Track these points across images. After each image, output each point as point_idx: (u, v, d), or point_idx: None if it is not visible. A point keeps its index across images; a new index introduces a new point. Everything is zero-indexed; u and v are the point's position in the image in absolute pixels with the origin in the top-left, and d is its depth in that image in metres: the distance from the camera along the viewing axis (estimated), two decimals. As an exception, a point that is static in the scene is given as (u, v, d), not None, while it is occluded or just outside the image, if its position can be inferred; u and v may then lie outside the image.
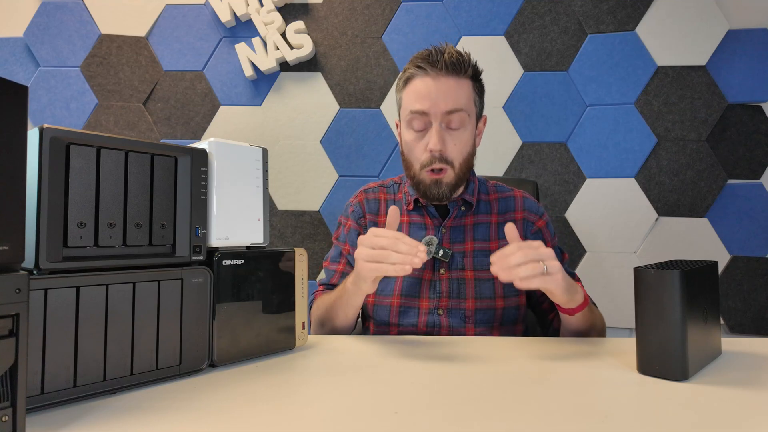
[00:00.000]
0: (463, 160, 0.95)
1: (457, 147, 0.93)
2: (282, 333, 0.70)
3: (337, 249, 1.07)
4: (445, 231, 0.99)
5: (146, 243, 0.57)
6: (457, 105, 0.90)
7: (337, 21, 1.74)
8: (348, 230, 1.05)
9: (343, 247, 1.06)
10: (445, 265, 0.96)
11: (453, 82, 0.91)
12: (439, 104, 0.90)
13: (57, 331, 0.48)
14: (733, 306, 1.59)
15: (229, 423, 0.46)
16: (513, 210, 1.02)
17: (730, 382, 0.57)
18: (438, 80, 0.90)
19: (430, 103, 0.90)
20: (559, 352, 0.71)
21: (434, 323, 0.94)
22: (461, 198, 1.00)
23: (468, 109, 0.92)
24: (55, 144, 0.49)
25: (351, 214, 1.06)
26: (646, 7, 1.66)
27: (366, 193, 1.08)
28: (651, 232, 1.63)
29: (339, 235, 1.08)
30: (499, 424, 0.45)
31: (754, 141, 1.60)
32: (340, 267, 1.05)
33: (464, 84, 0.92)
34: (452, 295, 0.94)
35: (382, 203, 1.05)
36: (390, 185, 1.09)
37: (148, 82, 1.75)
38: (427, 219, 1.01)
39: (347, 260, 1.05)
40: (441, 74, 0.90)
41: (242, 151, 0.68)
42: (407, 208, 1.02)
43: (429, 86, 0.90)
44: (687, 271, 0.58)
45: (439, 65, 0.90)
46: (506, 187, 1.07)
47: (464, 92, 0.92)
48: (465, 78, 0.92)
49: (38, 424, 0.45)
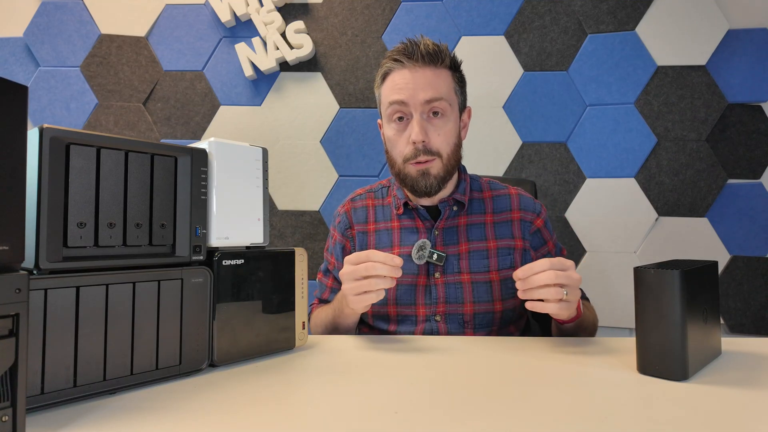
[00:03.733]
0: (450, 150, 0.93)
1: (441, 137, 0.91)
2: (282, 333, 0.70)
3: (326, 263, 1.08)
4: (437, 233, 0.96)
5: (146, 243, 0.57)
6: (436, 94, 0.89)
7: (337, 21, 1.74)
8: (334, 243, 1.05)
9: (330, 261, 1.06)
10: (440, 269, 0.93)
11: (430, 72, 0.90)
12: (418, 94, 0.89)
13: (57, 331, 0.48)
14: (733, 306, 1.59)
15: (229, 423, 0.46)
16: (509, 209, 0.99)
17: (730, 382, 0.57)
18: (415, 71, 0.90)
19: (409, 93, 0.89)
20: (559, 352, 0.71)
21: (432, 330, 0.92)
22: (452, 198, 0.97)
23: (449, 99, 0.91)
24: (55, 144, 0.49)
25: (338, 225, 1.05)
26: (646, 7, 1.66)
27: (353, 202, 1.06)
28: (651, 232, 1.63)
29: (328, 246, 1.08)
30: (499, 423, 0.45)
31: (754, 141, 1.60)
32: (329, 282, 1.05)
33: (443, 74, 0.92)
34: (449, 300, 0.92)
35: (369, 210, 1.03)
36: (378, 189, 1.06)
37: (148, 82, 1.75)
38: (418, 222, 0.98)
39: (333, 276, 1.05)
40: (418, 65, 0.90)
41: (242, 151, 0.67)
42: (397, 212, 0.99)
43: (406, 78, 0.90)
44: (687, 271, 0.58)
45: (415, 56, 0.90)
46: (500, 184, 1.04)
47: (443, 82, 0.91)
48: (443, 68, 0.92)
49: (38, 424, 0.45)
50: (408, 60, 0.90)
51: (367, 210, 1.03)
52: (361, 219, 1.03)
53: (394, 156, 0.95)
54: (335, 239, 1.05)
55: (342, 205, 1.07)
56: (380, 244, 0.99)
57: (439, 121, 0.91)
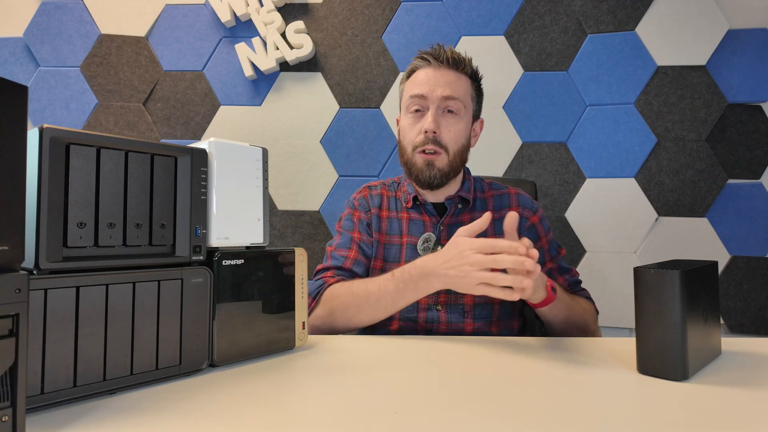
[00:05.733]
0: (457, 148, 0.98)
1: (451, 133, 0.97)
2: (282, 333, 0.70)
3: (346, 236, 1.04)
4: (442, 228, 1.01)
5: (146, 243, 0.57)
6: (454, 93, 0.96)
7: (337, 21, 1.74)
8: (357, 220, 1.05)
9: (353, 234, 1.03)
10: None
11: (453, 74, 0.98)
12: (437, 90, 0.96)
13: (57, 331, 0.48)
14: (733, 306, 1.59)
15: (229, 423, 0.46)
16: (508, 207, 1.04)
17: (730, 382, 0.57)
18: (439, 70, 0.98)
19: (429, 88, 0.96)
20: (559, 352, 0.71)
21: (433, 319, 0.95)
22: (458, 195, 1.02)
23: (464, 101, 0.98)
24: (55, 144, 0.49)
25: (358, 207, 1.07)
26: (646, 7, 1.66)
27: (369, 189, 1.10)
28: (651, 232, 1.63)
29: (345, 225, 1.06)
30: (499, 423, 0.45)
31: (754, 141, 1.60)
32: (352, 254, 1.01)
33: (463, 79, 0.99)
34: (450, 290, 0.93)
35: (384, 199, 1.07)
36: (390, 184, 1.11)
37: (148, 82, 1.75)
38: (425, 216, 1.03)
39: (360, 248, 1.02)
40: (442, 66, 0.98)
41: (242, 151, 0.67)
42: (406, 206, 1.04)
43: (429, 75, 0.98)
44: (687, 271, 0.58)
45: (441, 58, 0.98)
46: (501, 185, 1.10)
47: (462, 85, 0.99)
48: (464, 74, 1.00)
49: (38, 424, 0.45)
50: (434, 60, 0.98)
51: (381, 198, 1.08)
52: (377, 204, 1.07)
53: (405, 144, 1.01)
54: (358, 217, 1.05)
55: (357, 191, 1.11)
56: (391, 231, 1.03)
57: (452, 119, 0.98)
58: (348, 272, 0.99)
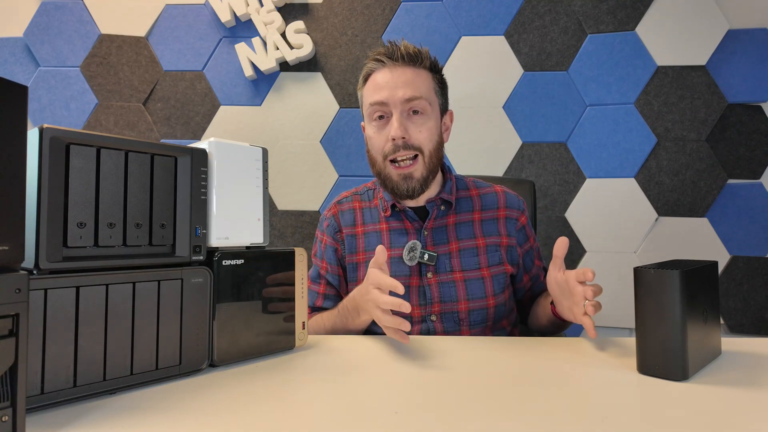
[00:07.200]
0: (432, 147, 0.93)
1: (422, 133, 0.92)
2: (282, 333, 0.70)
3: (315, 269, 1.04)
4: (427, 233, 0.96)
5: (146, 243, 0.57)
6: (415, 93, 0.91)
7: (337, 21, 1.74)
8: (324, 247, 1.02)
9: (321, 266, 1.02)
10: (432, 269, 0.93)
11: (410, 71, 0.92)
12: (398, 92, 0.91)
13: (57, 331, 0.48)
14: (733, 306, 1.59)
15: (229, 423, 0.46)
16: (496, 207, 1.00)
17: (730, 382, 0.57)
18: (395, 70, 0.92)
19: (389, 92, 0.91)
20: (559, 352, 0.71)
21: (428, 330, 0.92)
22: (439, 198, 0.97)
23: (428, 98, 0.93)
24: (55, 144, 0.49)
25: (326, 229, 1.03)
26: (646, 7, 1.66)
27: (340, 205, 1.05)
28: (651, 232, 1.63)
29: (316, 251, 1.05)
30: (499, 423, 0.45)
31: (754, 141, 1.60)
32: (321, 289, 1.02)
33: (422, 74, 0.94)
34: (444, 299, 0.92)
35: (357, 213, 1.02)
36: (363, 192, 1.06)
37: (148, 82, 1.75)
38: (406, 223, 0.97)
39: (327, 280, 1.01)
40: (398, 65, 0.92)
41: (242, 151, 0.67)
42: (385, 215, 0.99)
43: (387, 77, 0.92)
44: (687, 271, 0.58)
45: (395, 56, 0.92)
46: (485, 183, 1.05)
47: (423, 81, 0.93)
48: (423, 69, 0.94)
49: (38, 424, 0.45)
50: (389, 60, 0.92)
51: (354, 213, 1.02)
52: (349, 222, 1.02)
53: (374, 155, 0.96)
54: (325, 243, 1.03)
55: (328, 208, 1.06)
56: (370, 246, 0.98)
57: (420, 119, 0.92)
58: (320, 309, 1.00)
